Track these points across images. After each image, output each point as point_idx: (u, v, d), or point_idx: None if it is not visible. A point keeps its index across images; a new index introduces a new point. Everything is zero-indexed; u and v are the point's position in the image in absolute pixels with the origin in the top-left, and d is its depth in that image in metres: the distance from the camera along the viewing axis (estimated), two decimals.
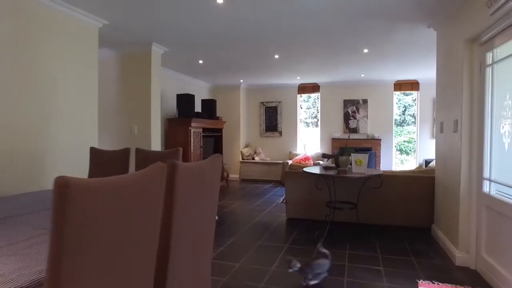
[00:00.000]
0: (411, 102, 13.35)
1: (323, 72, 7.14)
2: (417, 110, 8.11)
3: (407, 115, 12.98)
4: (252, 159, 8.79)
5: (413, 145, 12.44)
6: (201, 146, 6.84)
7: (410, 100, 13.30)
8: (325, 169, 4.11)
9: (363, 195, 4.05)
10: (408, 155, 12.41)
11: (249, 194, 6.83)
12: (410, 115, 13.28)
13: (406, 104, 13.01)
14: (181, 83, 7.32)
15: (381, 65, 6.36)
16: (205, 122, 7.02)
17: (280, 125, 8.86)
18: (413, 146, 12.46)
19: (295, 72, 7.18)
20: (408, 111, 13.15)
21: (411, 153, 12.49)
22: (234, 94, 8.78)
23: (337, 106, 8.42)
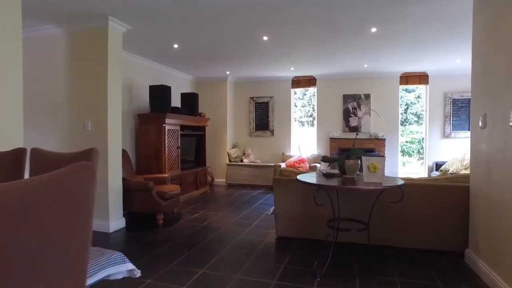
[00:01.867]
0: (414, 100, 12.50)
1: (321, 62, 6.20)
2: (425, 106, 7.21)
3: (409, 114, 12.13)
4: (240, 161, 7.83)
5: (417, 146, 11.60)
6: (178, 147, 5.85)
7: (412, 97, 12.46)
8: (326, 176, 3.16)
9: (376, 210, 3.11)
10: (411, 157, 11.54)
11: (234, 202, 5.86)
12: (413, 114, 12.43)
13: (408, 102, 12.16)
14: (158, 74, 6.33)
15: (389, 51, 5.43)
16: (183, 118, 6.03)
17: (272, 123, 7.91)
18: (417, 147, 11.61)
19: (288, 62, 6.23)
20: (410, 109, 12.29)
21: (414, 155, 11.62)
22: (220, 88, 7.81)
23: (336, 102, 7.49)
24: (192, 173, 6.28)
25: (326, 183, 2.81)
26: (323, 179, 3.02)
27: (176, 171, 5.75)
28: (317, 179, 3.04)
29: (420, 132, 11.79)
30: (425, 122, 7.21)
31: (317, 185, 2.73)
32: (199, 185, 6.52)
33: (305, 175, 3.25)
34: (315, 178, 3.13)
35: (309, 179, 3.03)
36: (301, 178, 2.95)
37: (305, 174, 3.34)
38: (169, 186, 4.63)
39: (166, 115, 5.37)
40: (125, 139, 5.36)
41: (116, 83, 4.07)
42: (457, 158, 6.47)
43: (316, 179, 3.08)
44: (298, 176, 3.03)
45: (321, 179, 3.05)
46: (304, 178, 2.98)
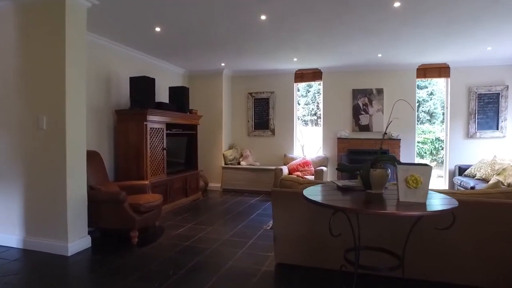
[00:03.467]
0: (426, 97, 11.66)
1: (328, 50, 5.39)
2: (446, 102, 6.39)
3: (420, 112, 11.29)
4: (237, 164, 7.04)
5: (429, 146, 10.77)
6: (164, 148, 5.06)
7: (424, 94, 11.61)
8: (343, 190, 2.36)
9: (410, 236, 2.30)
10: (423, 158, 10.70)
11: (229, 212, 5.06)
12: (425, 112, 11.58)
13: (419, 99, 11.31)
14: (144, 66, 5.54)
15: (409, 36, 4.62)
16: (171, 115, 5.24)
17: (272, 122, 7.11)
18: (429, 148, 10.78)
19: (290, 51, 5.43)
20: (422, 107, 11.45)
21: (426, 156, 10.79)
22: (214, 83, 7.01)
23: (345, 98, 6.68)
24: (180, 178, 5.49)
25: (347, 204, 2.01)
26: (338, 196, 2.23)
27: (160, 176, 4.96)
28: (330, 196, 2.25)
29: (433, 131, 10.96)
30: (446, 121, 6.38)
31: (334, 207, 1.92)
32: (189, 192, 5.73)
33: (314, 189, 2.45)
34: (327, 193, 2.34)
35: (320, 195, 2.24)
36: (309, 195, 2.15)
37: (314, 187, 2.54)
38: (147, 196, 3.84)
39: (148, 111, 4.58)
40: (101, 140, 4.60)
41: (77, 71, 3.28)
42: (485, 161, 5.65)
43: (328, 195, 2.28)
44: (304, 192, 2.23)
45: (336, 195, 2.25)
46: (312, 195, 2.18)
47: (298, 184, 2.94)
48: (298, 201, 2.77)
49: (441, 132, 10.40)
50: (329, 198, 2.17)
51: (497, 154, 5.85)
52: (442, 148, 10.34)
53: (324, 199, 2.12)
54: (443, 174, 6.45)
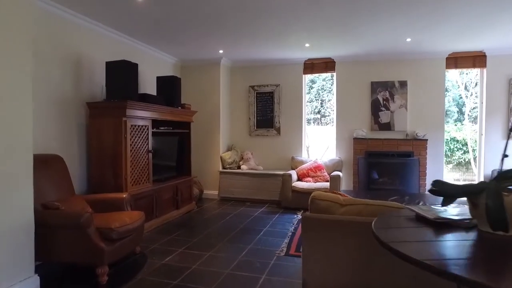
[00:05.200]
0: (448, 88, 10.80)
1: (348, 34, 4.47)
2: (480, 96, 5.51)
3: None
4: (237, 168, 6.08)
5: (454, 147, 9.89)
6: (149, 151, 4.09)
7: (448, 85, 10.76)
8: (437, 227, 1.41)
9: None
10: None
11: (229, 229, 4.11)
12: None
13: None
14: (127, 52, 4.56)
15: (446, 15, 3.73)
16: (158, 110, 4.27)
17: (278, 119, 6.17)
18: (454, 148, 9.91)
19: (304, 33, 4.49)
20: None
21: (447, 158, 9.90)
22: (211, 74, 6.05)
23: (362, 92, 5.77)
24: (170, 186, 4.52)
25: None
26: (438, 240, 1.29)
27: (144, 186, 3.99)
28: (420, 238, 1.31)
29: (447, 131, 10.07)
30: (480, 118, 5.50)
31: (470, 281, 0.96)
32: (180, 203, 4.76)
33: (384, 221, 1.50)
34: (413, 233, 1.39)
35: (399, 237, 1.30)
36: (389, 240, 1.20)
37: (384, 219, 1.58)
38: (123, 216, 2.86)
39: (127, 104, 3.61)
40: (67, 141, 3.61)
41: (14, 46, 2.30)
42: None
43: (417, 236, 1.34)
44: (376, 228, 1.28)
45: (432, 238, 1.31)
46: (392, 238, 1.23)
47: (340, 206, 2.00)
48: (342, 232, 1.85)
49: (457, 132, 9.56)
50: (429, 251, 1.23)
51: None
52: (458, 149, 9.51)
53: (421, 251, 1.17)
54: (475, 179, 5.57)
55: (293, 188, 5.22)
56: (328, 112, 11.28)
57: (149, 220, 3.97)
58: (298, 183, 5.36)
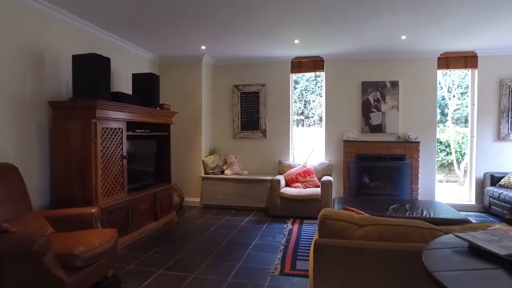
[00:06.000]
0: None
1: (341, 31, 4.18)
2: (471, 97, 5.38)
3: None
4: (220, 173, 5.68)
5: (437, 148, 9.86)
6: (123, 156, 3.62)
7: None
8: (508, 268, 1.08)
9: None
10: None
11: (214, 244, 3.70)
12: None
13: None
14: (97, 45, 4.06)
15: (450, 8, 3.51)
16: (134, 110, 3.81)
17: (263, 121, 5.81)
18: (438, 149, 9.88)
19: (294, 27, 4.17)
20: None
21: None
22: (192, 72, 5.61)
23: (352, 92, 5.51)
24: (148, 196, 4.06)
25: None
26: None
27: (118, 196, 3.52)
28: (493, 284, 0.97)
29: None
30: (471, 120, 5.37)
31: None
32: (160, 213, 4.31)
33: (435, 259, 1.16)
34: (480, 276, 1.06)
35: None
36: None
37: (431, 255, 1.24)
38: (91, 236, 2.41)
39: (98, 103, 3.13)
40: (26, 146, 3.10)
41: None
42: None
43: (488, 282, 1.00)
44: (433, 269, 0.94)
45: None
46: None
47: (357, 227, 1.66)
48: (362, 262, 1.50)
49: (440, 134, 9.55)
50: None
51: None
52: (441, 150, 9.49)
53: None
54: (468, 184, 5.42)
55: (282, 194, 4.87)
56: (311, 114, 11.06)
57: (123, 235, 3.51)
58: (287, 189, 5.02)
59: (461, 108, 9.48)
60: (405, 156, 5.20)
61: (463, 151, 8.80)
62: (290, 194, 4.83)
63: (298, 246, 3.56)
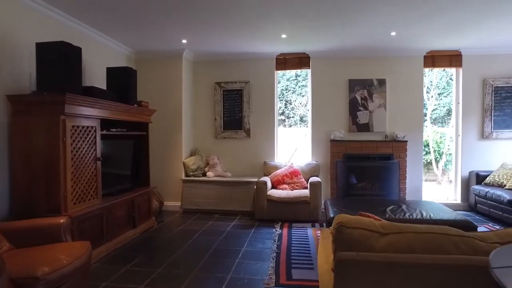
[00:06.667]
0: None
1: (331, 25, 4.00)
2: (456, 96, 5.37)
3: None
4: (202, 175, 5.36)
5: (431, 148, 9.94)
6: (97, 158, 3.24)
7: None
8: None
9: None
10: None
11: (199, 252, 3.39)
12: None
13: None
14: (67, 35, 3.62)
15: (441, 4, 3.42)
16: (109, 107, 3.43)
17: (247, 120, 5.54)
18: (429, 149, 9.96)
19: (282, 20, 3.94)
20: None
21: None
22: (172, 68, 5.26)
23: (339, 90, 5.36)
24: (124, 201, 3.68)
25: None
26: None
27: (91, 203, 3.14)
28: None
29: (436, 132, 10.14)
30: (456, 119, 5.36)
31: None
32: (138, 220, 3.93)
33: None
34: None
35: None
36: None
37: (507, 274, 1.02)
38: (58, 252, 2.04)
39: (67, 97, 2.75)
40: None
41: None
42: (511, 167, 4.69)
43: None
44: None
45: None
46: None
47: (379, 236, 1.43)
48: (391, 279, 1.27)
49: None
50: None
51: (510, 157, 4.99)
52: None
53: None
54: (454, 182, 5.41)
55: (268, 197, 4.62)
56: (292, 114, 10.92)
57: (98, 246, 3.13)
58: (274, 191, 4.77)
59: (439, 108, 9.65)
60: (393, 156, 5.11)
61: (441, 150, 8.93)
62: (277, 197, 4.59)
63: (291, 252, 3.32)
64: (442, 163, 8.77)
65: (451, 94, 9.43)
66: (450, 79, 9.35)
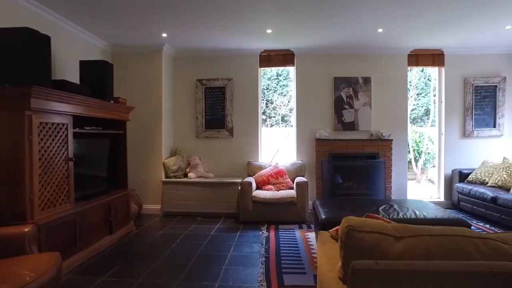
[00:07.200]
0: None
1: (316, 21, 3.89)
2: (439, 95, 5.40)
3: None
4: (183, 176, 5.11)
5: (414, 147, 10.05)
6: (69, 159, 2.95)
7: None
8: None
9: None
10: None
11: (183, 259, 3.16)
12: None
13: None
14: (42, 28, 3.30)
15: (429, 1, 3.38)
16: (82, 102, 3.14)
17: (230, 118, 5.35)
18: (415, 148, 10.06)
19: (267, 15, 3.78)
20: None
21: None
22: (151, 64, 4.98)
23: (324, 88, 5.27)
24: (100, 205, 3.39)
25: None
26: None
27: (63, 208, 2.85)
28: None
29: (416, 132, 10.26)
30: (439, 118, 5.39)
31: None
32: (115, 225, 3.65)
33: None
34: None
35: None
36: None
37: None
38: (20, 267, 1.78)
39: (33, 90, 2.46)
40: None
41: None
42: (492, 164, 4.75)
43: None
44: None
45: None
46: None
47: (394, 240, 1.28)
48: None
49: None
50: None
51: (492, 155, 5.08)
52: None
53: None
54: (437, 181, 5.44)
55: (254, 198, 4.44)
56: (273, 113, 10.80)
57: (70, 255, 2.85)
58: (259, 192, 4.60)
59: (417, 108, 9.81)
60: (378, 155, 5.06)
61: (420, 149, 9.06)
62: (263, 198, 4.42)
63: (281, 256, 3.16)
64: (421, 162, 8.89)
65: (429, 94, 9.67)
66: (428, 79, 9.54)
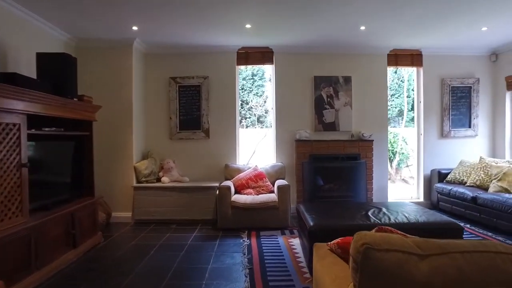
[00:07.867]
0: None
1: (297, 16, 3.71)
2: (417, 96, 5.40)
3: None
4: (156, 180, 4.76)
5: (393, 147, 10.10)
6: (23, 164, 2.56)
7: None
8: None
9: None
10: None
11: (158, 274, 2.84)
12: None
13: None
14: None
15: None
16: (40, 100, 2.75)
17: (206, 119, 5.05)
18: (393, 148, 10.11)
19: (247, 8, 3.55)
20: None
21: None
22: (120, 60, 4.59)
23: (304, 88, 5.11)
24: (61, 217, 3.00)
25: None
26: None
27: (13, 222, 2.45)
28: None
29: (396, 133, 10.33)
30: (418, 118, 5.39)
31: None
32: (80, 238, 3.26)
33: None
34: None
35: None
36: None
37: None
38: None
39: None
40: None
41: None
42: (469, 164, 4.79)
43: None
44: None
45: None
46: None
47: (418, 259, 1.08)
48: None
49: None
50: None
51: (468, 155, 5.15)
52: None
53: None
54: (416, 181, 5.43)
55: (233, 203, 4.18)
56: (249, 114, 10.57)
57: (24, 276, 2.46)
58: (238, 196, 4.35)
59: (391, 109, 9.95)
60: (360, 156, 4.97)
61: (394, 150, 9.17)
62: (243, 203, 4.17)
63: (266, 267, 2.93)
64: (395, 162, 9.00)
65: (402, 95, 9.84)
66: (401, 80, 9.70)
